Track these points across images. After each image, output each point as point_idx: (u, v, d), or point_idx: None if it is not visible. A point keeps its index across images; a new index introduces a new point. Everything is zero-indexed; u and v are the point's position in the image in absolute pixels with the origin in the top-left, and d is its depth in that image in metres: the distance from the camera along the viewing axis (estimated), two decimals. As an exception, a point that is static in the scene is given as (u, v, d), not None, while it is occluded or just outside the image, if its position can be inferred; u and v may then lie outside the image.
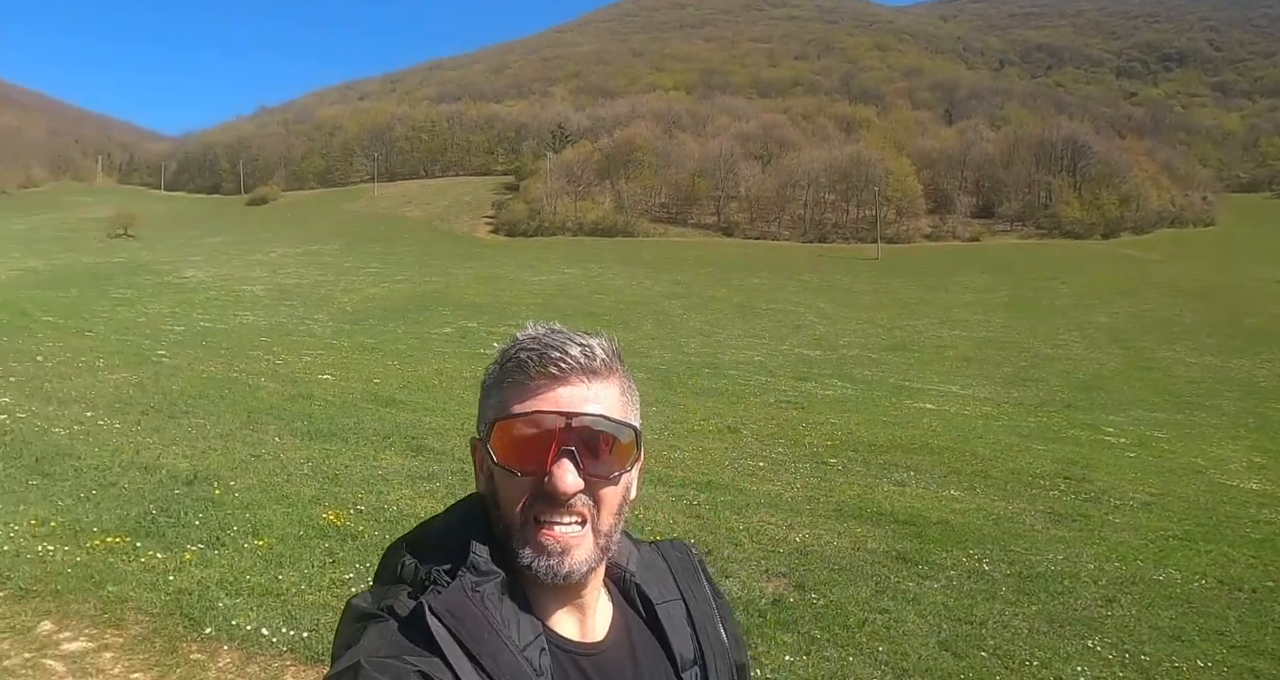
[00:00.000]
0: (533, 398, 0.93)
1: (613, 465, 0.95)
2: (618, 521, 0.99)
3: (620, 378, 1.00)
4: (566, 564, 0.93)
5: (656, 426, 14.61)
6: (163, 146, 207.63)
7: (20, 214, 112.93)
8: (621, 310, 42.09)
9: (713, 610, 1.12)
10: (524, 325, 1.01)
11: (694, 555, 1.17)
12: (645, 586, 1.08)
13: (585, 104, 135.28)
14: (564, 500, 0.92)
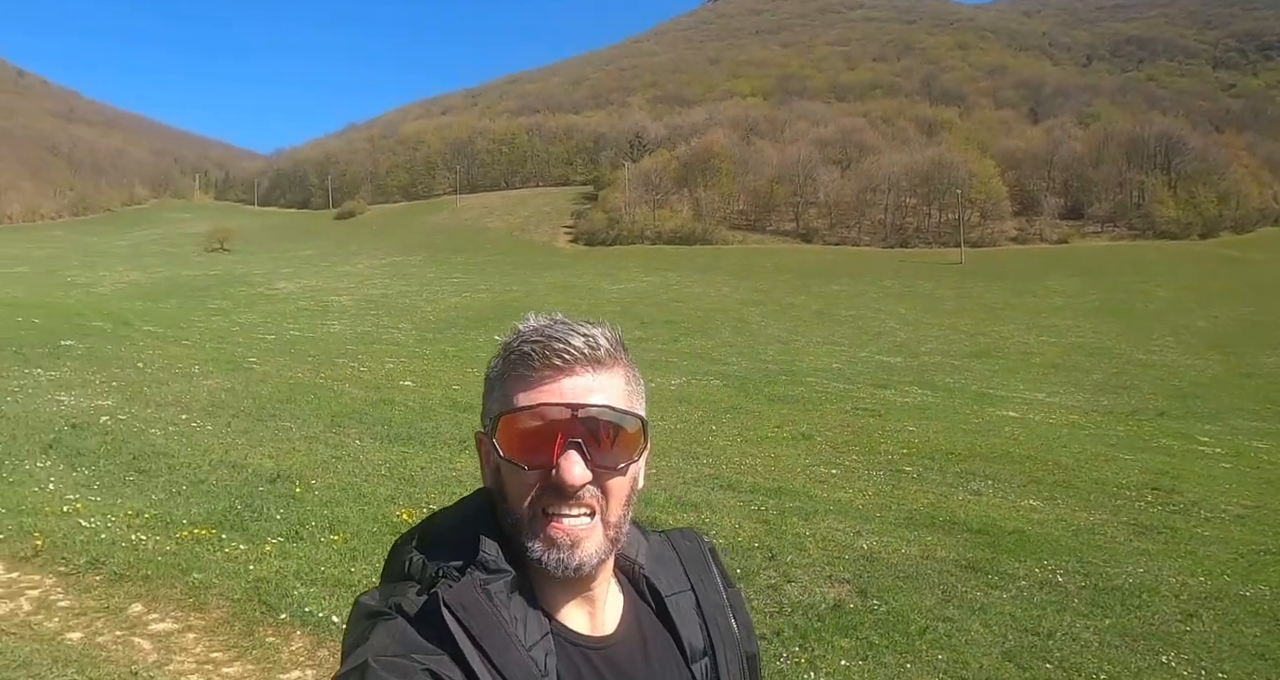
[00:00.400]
0: (537, 390, 0.93)
1: (620, 456, 0.95)
2: (627, 512, 0.98)
3: (624, 367, 1.00)
4: (577, 557, 0.92)
5: (730, 433, 14.61)
6: (256, 164, 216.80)
7: (125, 230, 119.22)
8: (700, 318, 42.08)
9: (723, 600, 1.11)
10: (525, 317, 1.00)
11: (704, 544, 1.16)
12: (654, 578, 1.07)
13: (662, 113, 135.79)
14: (572, 492, 0.91)
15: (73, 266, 68.90)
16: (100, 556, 5.05)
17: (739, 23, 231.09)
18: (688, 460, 11.47)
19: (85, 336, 17.88)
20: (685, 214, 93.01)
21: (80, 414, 9.45)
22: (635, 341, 24.86)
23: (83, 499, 6.16)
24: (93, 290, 50.64)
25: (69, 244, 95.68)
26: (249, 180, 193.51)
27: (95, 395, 11.09)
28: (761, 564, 6.02)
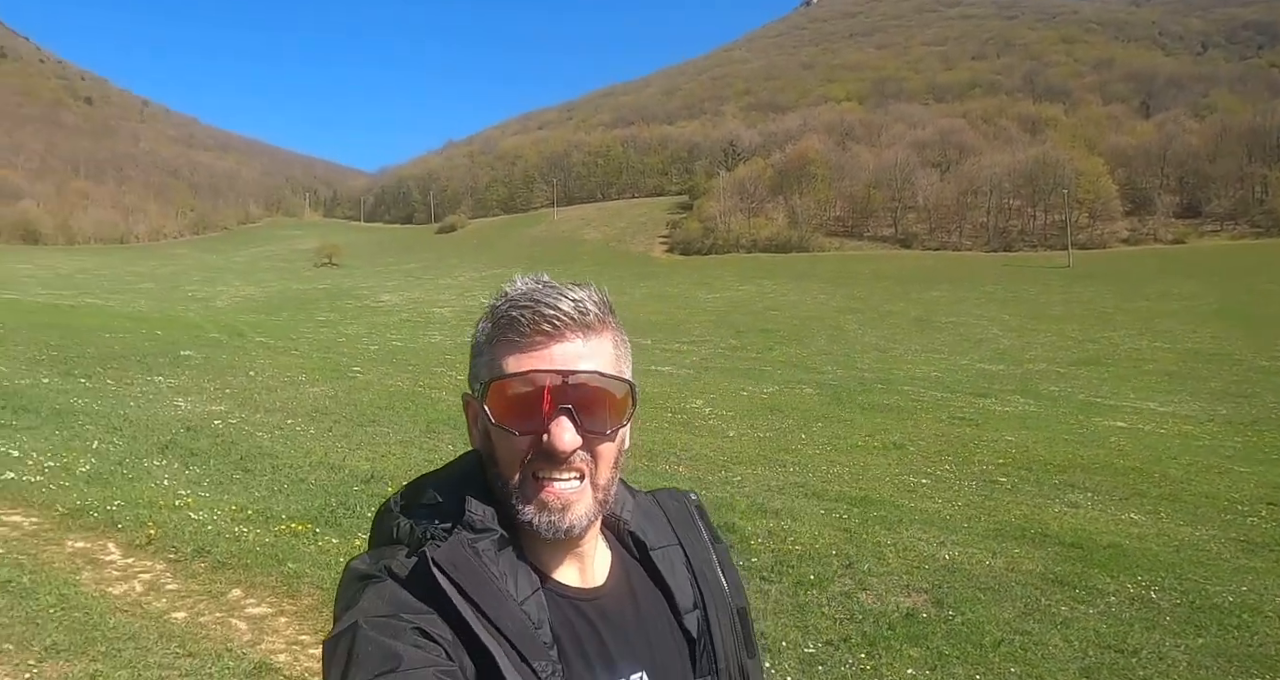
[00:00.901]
0: (528, 356, 0.94)
1: (609, 421, 0.95)
2: (615, 475, 0.99)
3: (613, 331, 1.00)
4: (567, 519, 0.94)
5: (820, 442, 14.45)
6: (362, 182, 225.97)
7: (240, 247, 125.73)
8: (795, 326, 41.69)
9: (711, 556, 1.12)
10: (512, 279, 1.01)
11: (691, 502, 1.17)
12: (640, 533, 1.09)
13: (756, 120, 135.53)
14: (563, 458, 0.92)
15: (193, 282, 73.09)
16: (206, 546, 5.43)
17: (832, 26, 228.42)
18: (774, 468, 11.42)
19: (202, 347, 18.97)
20: (780, 222, 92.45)
21: (195, 418, 10.08)
22: (731, 350, 24.99)
23: (193, 494, 6.61)
24: (211, 304, 53.53)
25: (190, 261, 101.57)
26: (355, 197, 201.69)
27: (209, 401, 11.78)
28: (837, 571, 5.98)
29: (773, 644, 4.57)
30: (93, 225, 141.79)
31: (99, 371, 13.62)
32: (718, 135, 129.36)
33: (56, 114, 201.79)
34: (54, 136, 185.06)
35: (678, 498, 1.17)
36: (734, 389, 21.73)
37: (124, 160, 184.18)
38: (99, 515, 5.83)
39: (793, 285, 62.63)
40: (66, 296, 47.53)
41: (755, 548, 6.34)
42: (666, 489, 1.18)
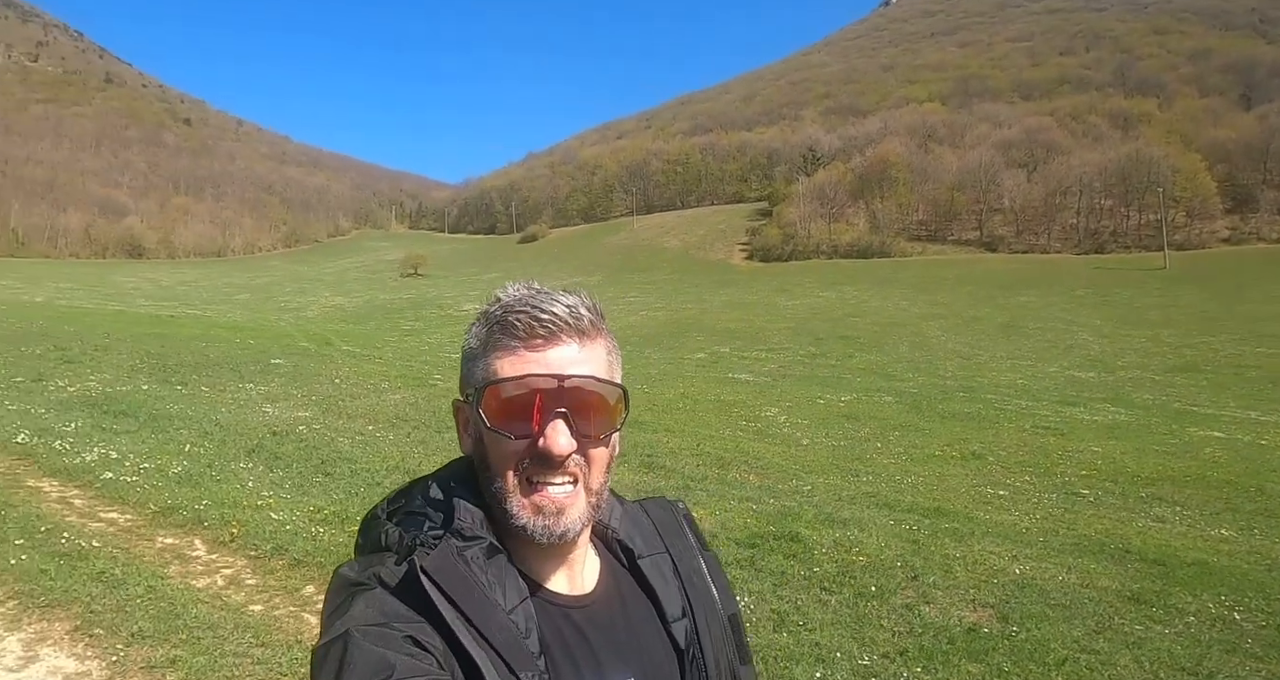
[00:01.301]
0: (523, 361, 0.94)
1: (603, 425, 0.96)
2: (607, 479, 1.00)
3: (605, 337, 1.01)
4: (562, 524, 0.94)
5: (895, 451, 14.22)
6: (446, 194, 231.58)
7: (330, 259, 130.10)
8: (876, 333, 41.05)
9: (699, 564, 1.12)
10: (504, 285, 1.03)
11: (679, 510, 1.18)
12: (628, 540, 1.09)
13: (836, 124, 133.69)
14: (559, 462, 0.93)
15: (286, 292, 75.99)
16: (284, 544, 5.69)
17: (913, 26, 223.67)
18: (846, 478, 11.29)
19: (291, 355, 19.72)
20: (862, 227, 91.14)
21: (281, 423, 10.51)
22: (810, 358, 24.69)
23: (275, 496, 6.91)
24: (302, 314, 55.58)
25: (283, 272, 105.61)
26: (440, 209, 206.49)
27: (296, 407, 12.26)
28: (901, 583, 5.89)
29: (826, 655, 4.54)
30: (192, 239, 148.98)
31: (194, 379, 14.29)
32: (797, 140, 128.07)
33: (159, 135, 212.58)
34: (157, 156, 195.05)
35: (665, 507, 1.17)
36: (810, 397, 21.53)
37: (221, 177, 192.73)
38: (187, 514, 6.17)
39: (874, 291, 61.67)
40: (167, 307, 49.96)
41: (819, 558, 6.27)
42: (654, 498, 1.19)
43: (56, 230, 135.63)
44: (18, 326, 22.07)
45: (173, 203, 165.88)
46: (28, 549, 5.16)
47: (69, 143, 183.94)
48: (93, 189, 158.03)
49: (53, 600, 4.40)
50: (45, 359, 15.40)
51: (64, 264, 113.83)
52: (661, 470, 10.40)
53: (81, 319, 28.98)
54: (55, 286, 66.64)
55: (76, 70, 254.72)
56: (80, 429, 8.87)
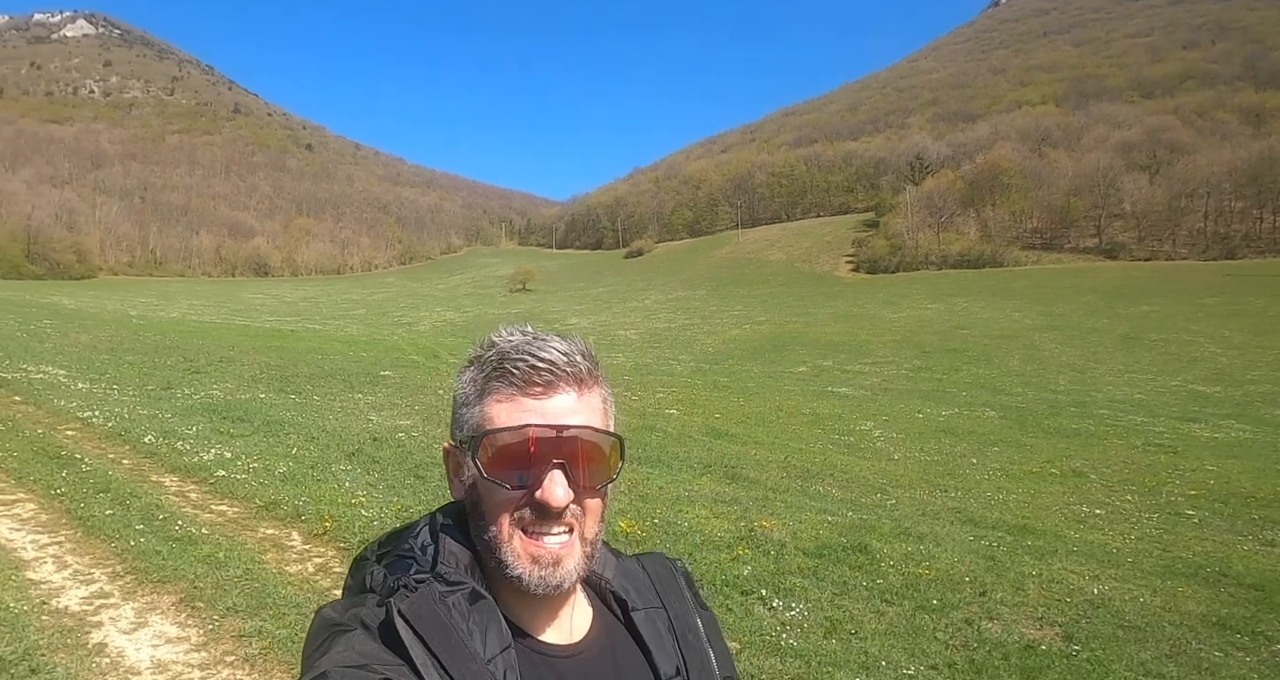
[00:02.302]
0: (521, 409, 0.93)
1: (600, 475, 0.95)
2: (601, 528, 0.99)
3: (601, 385, 1.00)
4: (558, 574, 0.92)
5: (991, 467, 13.95)
6: (553, 211, 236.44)
7: (442, 276, 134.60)
8: (985, 346, 39.95)
9: (696, 622, 1.10)
10: (498, 329, 1.01)
11: (678, 568, 1.16)
12: (622, 593, 1.07)
13: (944, 131, 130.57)
14: (556, 512, 0.91)
15: (400, 308, 79.07)
16: (371, 538, 6.13)
17: (1024, 26, 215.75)
18: (933, 493, 11.16)
19: (400, 368, 20.70)
20: (972, 236, 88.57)
21: (383, 431, 11.12)
22: (914, 371, 24.36)
23: (368, 495, 7.36)
24: (414, 328, 57.69)
25: (398, 289, 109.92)
26: (547, 226, 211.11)
27: (399, 416, 12.92)
28: (965, 598, 5.80)
29: (872, 662, 4.57)
30: (314, 258, 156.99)
31: (307, 388, 15.21)
32: (904, 149, 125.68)
33: (282, 160, 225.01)
34: (280, 180, 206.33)
35: (663, 562, 1.16)
36: (909, 411, 21.22)
37: (340, 199, 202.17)
38: (288, 509, 6.69)
39: (985, 302, 59.94)
40: (289, 322, 52.79)
41: (885, 570, 6.25)
42: (653, 553, 1.17)
43: (190, 251, 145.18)
44: (153, 340, 23.86)
45: (296, 223, 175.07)
46: (146, 533, 5.78)
47: (201, 169, 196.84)
48: (223, 212, 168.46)
49: (164, 577, 4.98)
50: (175, 369, 16.68)
51: (196, 282, 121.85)
52: (744, 481, 10.51)
53: (210, 333, 31.08)
54: (188, 303, 71.30)
55: (208, 102, 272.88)
56: (200, 432, 9.67)
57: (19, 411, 10.54)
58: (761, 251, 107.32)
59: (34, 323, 26.78)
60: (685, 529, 7.16)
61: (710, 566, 6.04)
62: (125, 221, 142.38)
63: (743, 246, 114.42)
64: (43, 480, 7.07)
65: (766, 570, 6.09)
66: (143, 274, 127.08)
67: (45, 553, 5.34)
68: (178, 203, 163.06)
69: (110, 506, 6.35)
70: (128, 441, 8.93)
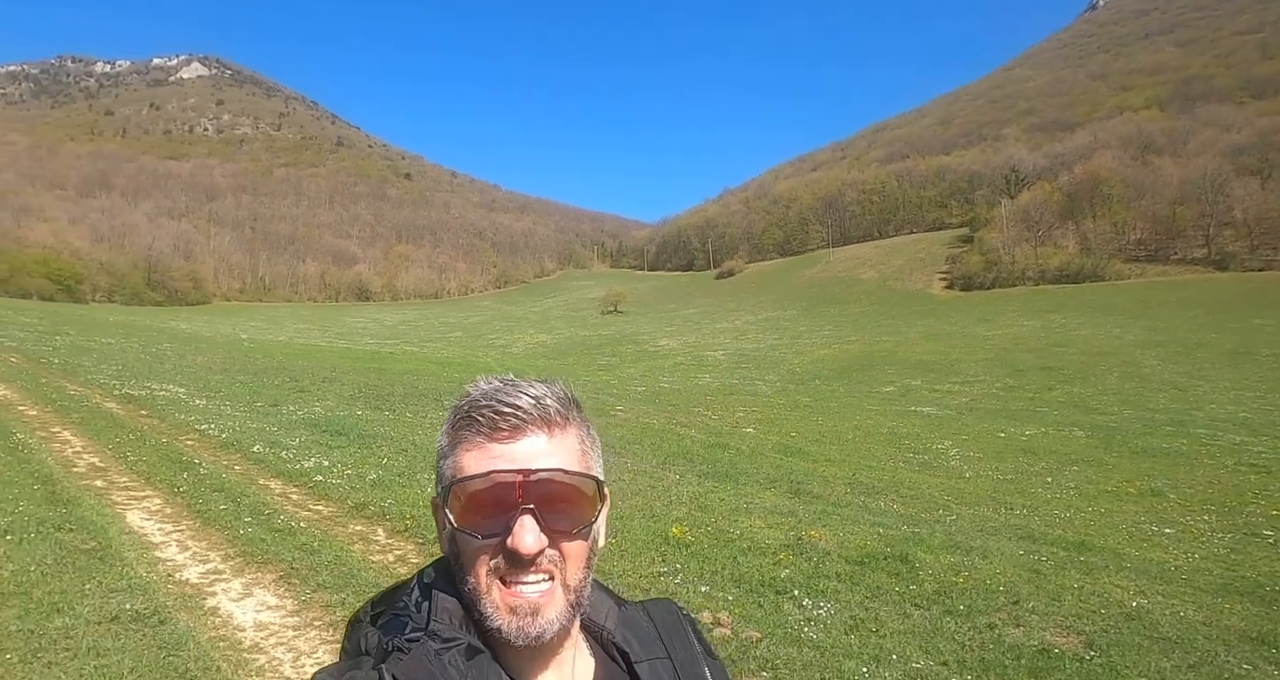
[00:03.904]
0: (489, 455, 0.92)
1: (576, 519, 0.93)
2: (587, 574, 0.96)
3: (577, 427, 0.98)
4: (538, 624, 0.90)
5: (1064, 486, 13.94)
6: (645, 233, 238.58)
7: (536, 298, 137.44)
8: (1082, 363, 38.90)
9: (704, 672, 1.06)
10: (475, 379, 0.99)
11: (683, 614, 1.12)
12: (624, 644, 1.04)
13: (1041, 142, 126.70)
14: (528, 560, 0.89)
15: (495, 330, 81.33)
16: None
17: (1124, 29, 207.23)
18: (997, 510, 11.28)
19: (488, 387, 21.58)
20: (1071, 249, 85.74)
21: (466, 445, 11.93)
22: (1005, 390, 24.19)
23: (446, 499, 8.21)
24: (507, 350, 59.41)
25: (493, 312, 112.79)
26: (639, 248, 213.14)
27: (482, 433, 13.71)
28: (995, 604, 5.90)
29: (884, 656, 4.80)
30: (413, 283, 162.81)
31: (401, 406, 16.23)
32: (999, 161, 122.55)
33: (383, 189, 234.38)
34: (381, 209, 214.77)
35: (668, 609, 1.12)
36: (991, 431, 21.07)
37: (437, 225, 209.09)
38: (375, 509, 7.49)
39: (1085, 318, 58.12)
40: (388, 345, 55.10)
41: (922, 578, 6.43)
42: (659, 600, 1.14)
43: (296, 277, 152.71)
44: (262, 362, 25.55)
45: (395, 250, 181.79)
46: (254, 525, 6.74)
47: (307, 200, 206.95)
48: (327, 240, 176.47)
49: (266, 559, 5.89)
50: (281, 388, 18.03)
51: (302, 307, 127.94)
52: (806, 496, 10.83)
53: (314, 355, 32.90)
54: (294, 327, 75.08)
55: (312, 136, 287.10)
56: (302, 443, 10.71)
57: (146, 424, 11.83)
58: (853, 270, 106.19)
59: (155, 345, 29.03)
60: (735, 536, 7.52)
61: (750, 569, 6.40)
62: (237, 250, 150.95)
63: (834, 265, 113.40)
64: (167, 480, 8.15)
65: (804, 573, 6.36)
66: (253, 300, 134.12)
67: (170, 538, 6.33)
68: (285, 232, 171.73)
69: (224, 503, 7.35)
70: (239, 450, 10.02)
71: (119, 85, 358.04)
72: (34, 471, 8.23)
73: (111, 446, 9.81)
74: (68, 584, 5.06)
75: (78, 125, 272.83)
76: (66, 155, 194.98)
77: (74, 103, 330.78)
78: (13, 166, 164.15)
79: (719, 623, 5.21)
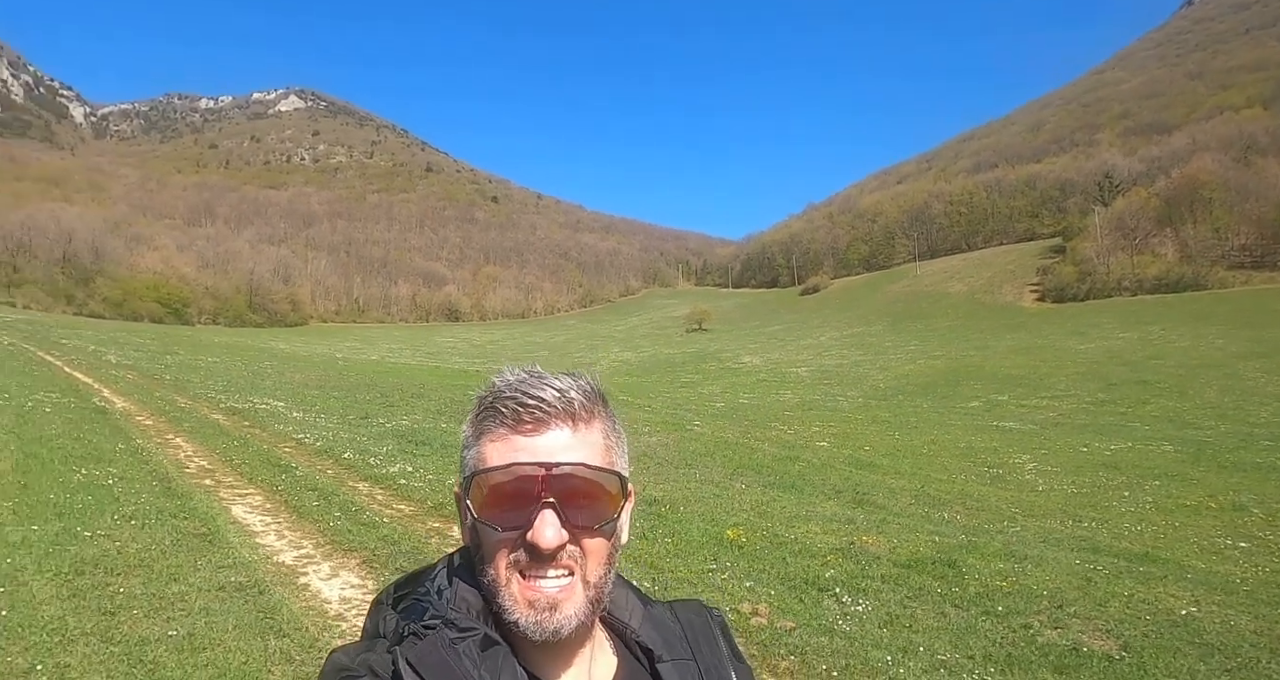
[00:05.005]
0: (511, 448, 0.91)
1: (597, 515, 0.91)
2: (608, 571, 0.95)
3: (602, 421, 0.97)
4: (555, 620, 0.89)
5: (1141, 500, 13.73)
6: (728, 250, 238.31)
7: (620, 317, 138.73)
8: (1180, 376, 37.52)
9: (730, 675, 1.05)
10: (500, 370, 0.98)
11: (712, 616, 1.11)
12: (648, 642, 1.03)
13: (1136, 145, 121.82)
14: (547, 555, 0.88)
15: (580, 349, 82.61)
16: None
17: (1223, 24, 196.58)
18: (1064, 522, 11.21)
19: (569, 404, 22.23)
20: (1170, 257, 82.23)
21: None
22: (1096, 405, 24.00)
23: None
24: (591, 368, 59.36)
25: (578, 330, 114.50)
26: (723, 265, 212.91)
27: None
28: (1036, 607, 5.96)
29: (911, 648, 4.99)
30: (500, 303, 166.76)
31: (482, 420, 16.99)
32: (1091, 167, 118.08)
33: (471, 213, 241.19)
34: (469, 231, 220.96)
35: (698, 611, 1.11)
36: (1074, 446, 20.69)
37: (524, 246, 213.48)
38: (452, 510, 8.07)
39: (1185, 329, 55.82)
40: (476, 363, 56.50)
41: (967, 582, 6.56)
42: (687, 600, 1.12)
43: (389, 299, 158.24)
44: (355, 379, 26.94)
45: (483, 271, 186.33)
46: (342, 519, 7.57)
47: (398, 225, 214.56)
48: (418, 263, 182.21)
49: (351, 547, 6.65)
50: (372, 403, 19.14)
51: (394, 327, 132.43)
52: (869, 505, 10.97)
53: (404, 373, 34.31)
54: (387, 347, 77.74)
55: (403, 163, 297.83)
56: (389, 451, 11.62)
57: (249, 433, 13.00)
58: (940, 284, 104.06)
59: (256, 364, 30.93)
60: (788, 540, 7.80)
61: (797, 568, 6.70)
62: (332, 274, 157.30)
63: (921, 279, 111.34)
64: (267, 480, 9.13)
65: (849, 574, 6.60)
66: (347, 321, 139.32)
67: (269, 528, 7.21)
68: (378, 255, 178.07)
69: (317, 500, 8.24)
70: (331, 457, 10.98)
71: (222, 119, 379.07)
72: (152, 471, 9.29)
73: (218, 451, 10.94)
74: (182, 560, 5.92)
75: (184, 158, 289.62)
76: (174, 187, 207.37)
77: (181, 137, 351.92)
78: (126, 198, 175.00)
79: (756, 613, 5.51)
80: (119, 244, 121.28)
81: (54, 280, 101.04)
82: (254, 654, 4.33)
